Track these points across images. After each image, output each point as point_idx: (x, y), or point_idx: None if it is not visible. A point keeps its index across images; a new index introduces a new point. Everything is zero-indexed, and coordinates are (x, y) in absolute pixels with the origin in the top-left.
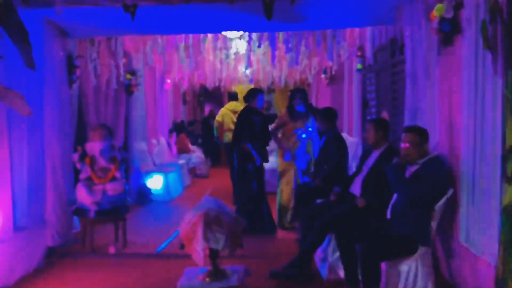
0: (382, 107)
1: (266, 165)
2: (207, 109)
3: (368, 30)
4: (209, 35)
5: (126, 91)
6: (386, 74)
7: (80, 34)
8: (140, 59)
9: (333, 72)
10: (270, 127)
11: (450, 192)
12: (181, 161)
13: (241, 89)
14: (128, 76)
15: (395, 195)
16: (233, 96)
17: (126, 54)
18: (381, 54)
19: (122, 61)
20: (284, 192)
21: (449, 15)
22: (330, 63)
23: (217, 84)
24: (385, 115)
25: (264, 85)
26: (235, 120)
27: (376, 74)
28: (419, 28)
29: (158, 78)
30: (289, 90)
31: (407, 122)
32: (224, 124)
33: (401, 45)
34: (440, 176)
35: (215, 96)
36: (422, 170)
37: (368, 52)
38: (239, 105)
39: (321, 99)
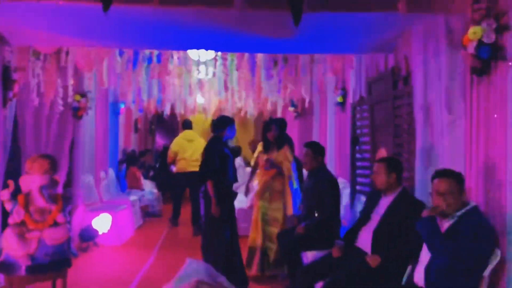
0: (379, 144)
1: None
2: (158, 139)
3: (355, 59)
4: (175, 56)
5: (74, 115)
6: (385, 107)
7: (21, 40)
8: (93, 78)
9: (306, 105)
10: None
11: (498, 253)
12: (133, 198)
13: (199, 118)
14: (78, 97)
15: (425, 258)
16: (187, 124)
17: (77, 72)
18: (378, 85)
19: (71, 79)
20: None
21: (490, 39)
22: (302, 94)
23: (177, 111)
24: (382, 152)
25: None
26: (188, 149)
27: (370, 108)
28: (436, 55)
29: (111, 101)
30: (257, 121)
31: (419, 163)
32: (178, 154)
33: (406, 75)
34: (484, 231)
35: (168, 125)
36: (461, 225)
37: (354, 83)
38: (193, 135)
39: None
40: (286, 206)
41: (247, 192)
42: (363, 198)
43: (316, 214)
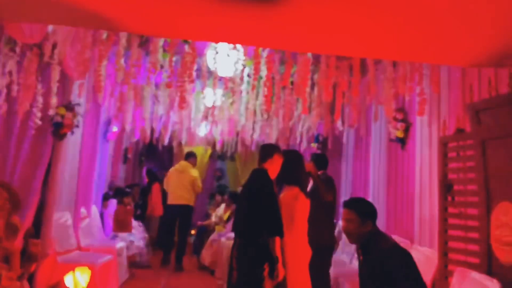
0: (497, 195)
1: None
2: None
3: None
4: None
5: (55, 133)
6: (509, 144)
7: None
8: (86, 87)
9: (344, 139)
10: None
11: None
12: (119, 245)
13: (198, 151)
14: (62, 110)
15: None
16: (187, 155)
17: (65, 77)
18: (495, 113)
19: (56, 85)
20: None
21: None
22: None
23: (175, 141)
24: (506, 207)
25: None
26: (175, 180)
27: (480, 144)
28: None
29: (103, 122)
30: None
31: None
32: (167, 185)
33: None
34: None
35: (160, 157)
36: None
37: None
38: (185, 165)
39: None
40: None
41: None
42: (459, 278)
43: None
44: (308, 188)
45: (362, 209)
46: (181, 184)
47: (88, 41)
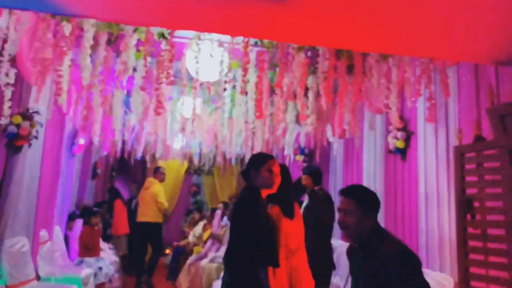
0: None
1: None
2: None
3: (452, 71)
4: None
5: (9, 145)
6: None
7: None
8: (47, 93)
9: (334, 151)
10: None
11: None
12: (86, 272)
13: (173, 165)
14: (18, 119)
15: None
16: (156, 170)
17: (21, 80)
18: None
19: (10, 89)
20: None
21: None
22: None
23: (149, 155)
24: None
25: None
26: (141, 197)
27: (507, 153)
28: None
29: (68, 134)
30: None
31: None
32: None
33: None
34: None
35: (131, 172)
36: None
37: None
38: (150, 181)
39: None
40: None
41: None
42: None
43: None
44: (303, 206)
45: (363, 198)
46: (145, 200)
47: (47, 36)
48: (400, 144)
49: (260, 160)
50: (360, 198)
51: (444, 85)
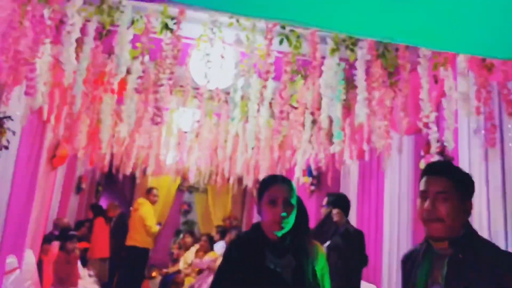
0: None
1: None
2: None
3: None
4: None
5: None
6: None
7: None
8: (23, 99)
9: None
10: None
11: None
12: None
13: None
14: None
15: None
16: (149, 191)
17: None
18: None
19: None
20: None
21: None
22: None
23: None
24: None
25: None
26: (131, 218)
27: None
28: None
29: (50, 144)
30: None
31: None
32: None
33: None
34: None
35: (119, 187)
36: None
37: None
38: (139, 202)
39: None
40: None
41: None
42: None
43: None
44: (325, 245)
45: (461, 179)
46: (133, 223)
47: (25, 25)
48: (422, 165)
49: (261, 189)
50: (458, 178)
51: (507, 102)
